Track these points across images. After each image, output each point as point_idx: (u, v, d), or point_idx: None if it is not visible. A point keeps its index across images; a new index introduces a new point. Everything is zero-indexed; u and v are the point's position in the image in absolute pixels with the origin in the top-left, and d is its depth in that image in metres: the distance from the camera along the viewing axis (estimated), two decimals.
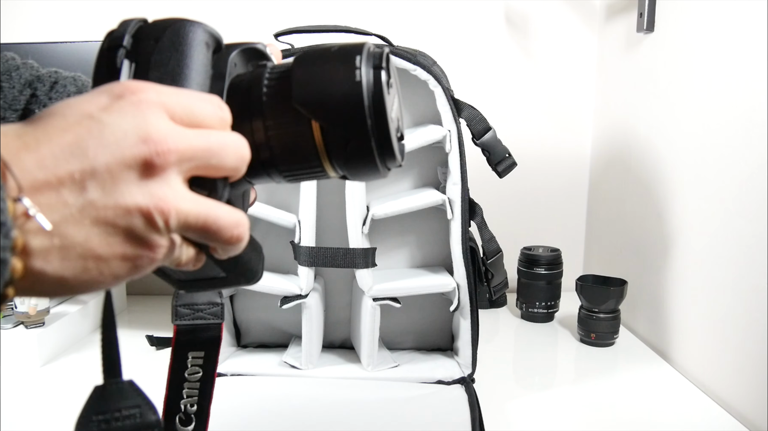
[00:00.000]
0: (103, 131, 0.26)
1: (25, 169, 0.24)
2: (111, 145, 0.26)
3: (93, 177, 0.25)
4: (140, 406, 0.33)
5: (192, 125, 0.28)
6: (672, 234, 0.94)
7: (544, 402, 0.80)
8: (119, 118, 0.26)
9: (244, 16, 1.19)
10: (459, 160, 0.80)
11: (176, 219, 0.27)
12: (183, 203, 0.27)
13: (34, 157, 0.25)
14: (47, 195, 0.25)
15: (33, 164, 0.25)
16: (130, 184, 0.26)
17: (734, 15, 0.79)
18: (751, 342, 0.75)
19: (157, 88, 0.28)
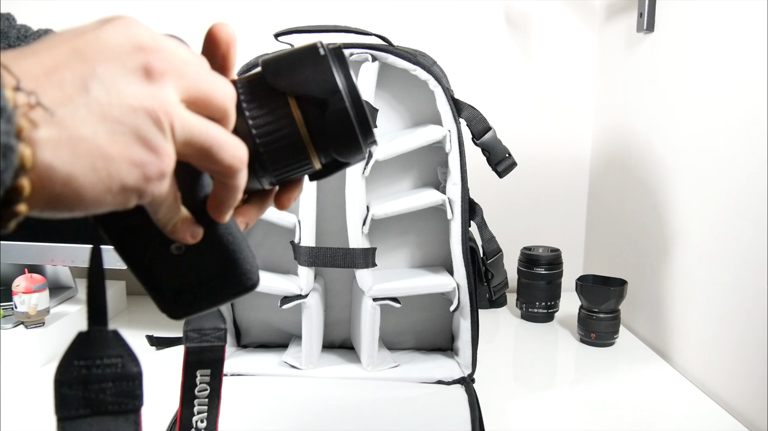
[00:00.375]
0: (99, 40, 0.26)
1: (24, 68, 0.24)
2: (109, 50, 0.26)
3: (94, 78, 0.26)
4: (122, 356, 0.33)
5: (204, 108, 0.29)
6: (672, 234, 0.94)
7: (544, 402, 0.80)
8: (113, 31, 0.27)
9: (244, 16, 1.19)
10: (459, 160, 0.79)
11: (180, 127, 0.27)
12: (186, 113, 0.28)
13: (34, 59, 0.25)
14: (50, 90, 0.24)
15: (33, 64, 0.25)
16: (133, 85, 0.26)
17: (734, 15, 0.79)
18: (751, 342, 0.75)
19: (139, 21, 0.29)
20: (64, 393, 0.30)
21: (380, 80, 0.82)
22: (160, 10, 1.19)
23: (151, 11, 1.19)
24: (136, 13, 1.14)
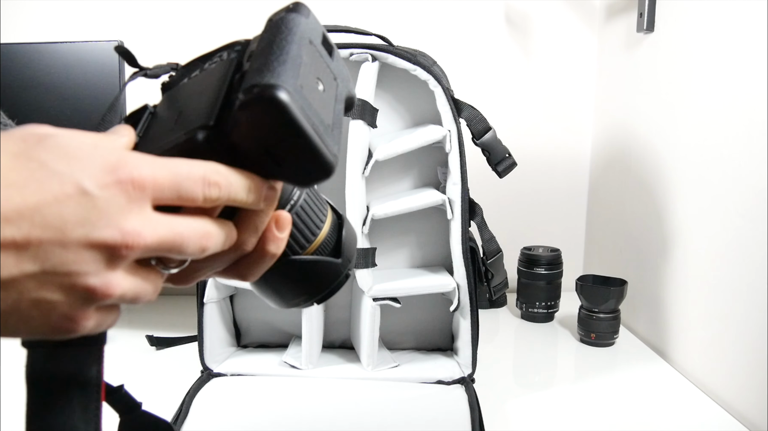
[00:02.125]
0: (89, 207, 0.26)
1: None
2: (90, 225, 0.26)
3: (63, 247, 0.26)
4: None
5: (174, 203, 0.30)
6: (672, 234, 0.94)
7: (544, 402, 0.80)
8: (108, 200, 0.27)
9: (244, 16, 1.19)
10: (459, 160, 0.79)
11: (114, 299, 0.29)
12: (125, 283, 0.29)
13: (3, 213, 0.25)
14: (4, 254, 0.25)
15: (3, 222, 0.25)
16: (93, 264, 0.27)
17: (734, 15, 0.79)
18: (751, 342, 0.75)
19: (153, 165, 0.29)
20: None
21: (380, 80, 0.82)
22: (160, 10, 1.19)
23: (152, 11, 1.19)
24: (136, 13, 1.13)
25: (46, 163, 0.26)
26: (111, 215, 0.27)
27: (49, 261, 0.26)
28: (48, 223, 0.26)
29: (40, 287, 0.26)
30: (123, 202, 0.27)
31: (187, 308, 0.91)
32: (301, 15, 0.34)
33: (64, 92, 0.95)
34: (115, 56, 0.96)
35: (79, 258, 0.26)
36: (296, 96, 0.29)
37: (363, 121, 0.77)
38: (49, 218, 0.26)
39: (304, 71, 0.31)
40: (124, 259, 0.28)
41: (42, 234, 0.26)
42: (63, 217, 0.26)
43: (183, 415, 0.71)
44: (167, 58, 1.31)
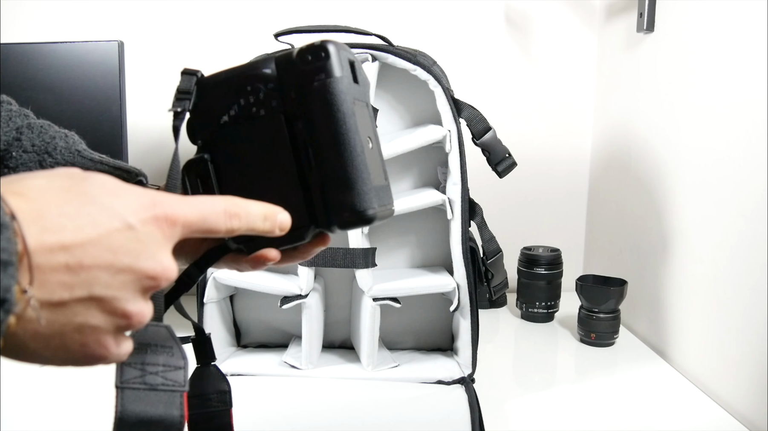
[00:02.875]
0: (132, 239, 0.29)
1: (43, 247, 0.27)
2: (133, 255, 0.29)
3: (112, 276, 0.29)
4: (173, 347, 0.37)
5: (200, 236, 0.34)
6: (672, 234, 0.94)
7: (544, 402, 0.80)
8: (148, 234, 0.30)
9: (244, 17, 1.19)
10: (459, 160, 0.79)
11: (143, 325, 0.31)
12: (149, 310, 0.32)
13: (55, 231, 0.27)
14: (50, 277, 0.27)
15: (51, 239, 0.27)
16: (130, 292, 0.30)
17: (734, 15, 0.79)
18: (751, 342, 0.75)
19: (181, 202, 0.32)
20: (126, 368, 0.34)
21: (380, 80, 0.82)
22: (160, 10, 1.19)
23: (152, 11, 1.19)
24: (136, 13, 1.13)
25: (95, 198, 0.29)
26: (151, 249, 0.30)
27: (97, 287, 0.28)
28: (99, 253, 0.28)
29: (86, 311, 0.28)
30: (160, 236, 0.30)
31: (187, 308, 0.91)
32: (337, 70, 0.37)
33: (64, 92, 0.95)
34: (115, 56, 0.96)
35: (122, 285, 0.29)
36: (376, 204, 0.38)
37: None
38: (99, 248, 0.28)
39: (366, 153, 0.38)
40: (157, 290, 0.31)
41: (93, 261, 0.28)
42: (112, 247, 0.28)
43: None
44: (167, 58, 1.31)
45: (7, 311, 0.25)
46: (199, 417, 0.50)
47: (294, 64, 0.37)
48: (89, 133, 0.95)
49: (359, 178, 0.37)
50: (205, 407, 0.51)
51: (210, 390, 0.51)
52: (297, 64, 0.37)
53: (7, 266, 0.25)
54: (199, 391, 0.50)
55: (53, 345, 0.28)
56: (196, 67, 0.41)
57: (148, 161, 1.22)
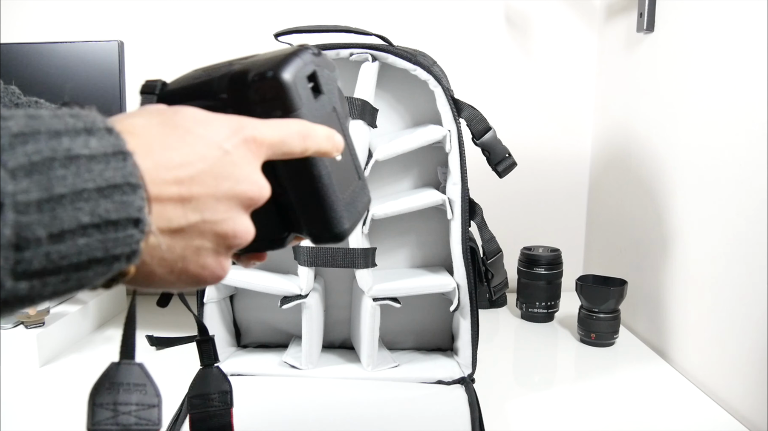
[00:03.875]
0: (230, 163, 0.31)
1: (152, 180, 0.28)
2: (233, 179, 0.31)
3: (218, 201, 0.31)
4: (146, 385, 0.37)
5: (279, 158, 0.35)
6: (672, 234, 0.94)
7: (544, 402, 0.80)
8: (241, 157, 0.32)
9: (244, 16, 1.19)
10: (459, 160, 0.79)
11: (247, 242, 0.33)
12: (252, 227, 0.33)
13: (164, 167, 0.29)
14: (169, 206, 0.29)
15: (160, 174, 0.28)
16: (234, 212, 0.31)
17: (734, 15, 0.79)
18: (751, 342, 0.75)
19: (264, 125, 0.33)
20: (97, 409, 0.35)
21: (380, 80, 0.82)
22: (160, 10, 1.19)
23: (152, 11, 1.19)
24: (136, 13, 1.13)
25: (190, 129, 0.30)
26: (246, 170, 0.32)
27: (207, 213, 0.30)
28: (204, 180, 0.30)
29: (201, 235, 0.30)
30: (251, 157, 0.32)
31: None
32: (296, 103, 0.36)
33: (64, 92, 0.95)
34: (115, 56, 0.96)
35: (227, 208, 0.31)
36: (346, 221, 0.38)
37: (363, 121, 0.77)
38: (205, 177, 0.30)
39: (334, 175, 0.37)
40: (256, 206, 0.33)
41: (201, 189, 0.30)
42: (215, 175, 0.30)
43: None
44: (167, 58, 1.32)
45: (142, 231, 0.27)
46: (200, 416, 0.51)
47: (247, 97, 0.35)
48: None
49: (328, 207, 0.37)
50: (206, 407, 0.51)
51: (212, 391, 0.51)
52: (251, 97, 0.35)
53: (136, 188, 0.27)
54: (201, 391, 0.51)
55: (177, 269, 0.30)
56: (197, 66, 0.41)
57: None
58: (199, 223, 0.30)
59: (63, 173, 0.24)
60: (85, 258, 0.25)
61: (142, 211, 0.27)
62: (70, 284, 0.25)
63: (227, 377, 0.51)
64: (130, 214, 0.26)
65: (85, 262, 0.25)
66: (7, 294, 0.23)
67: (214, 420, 0.51)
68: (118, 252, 0.26)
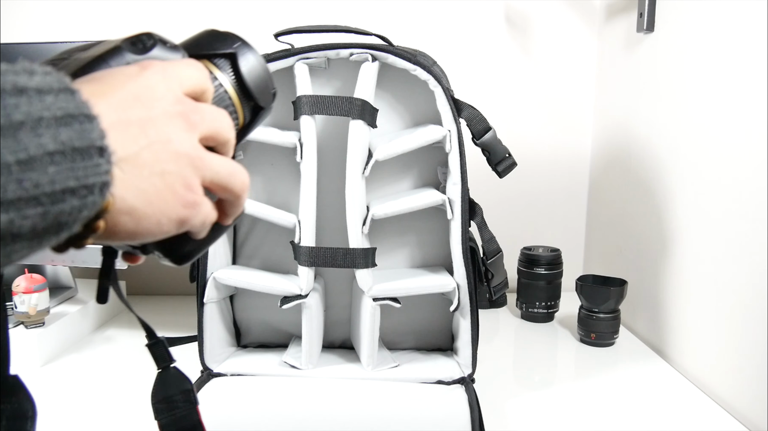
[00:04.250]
0: (149, 89, 0.31)
1: (102, 112, 0.28)
2: (159, 99, 0.31)
3: (151, 124, 0.30)
4: (20, 398, 0.37)
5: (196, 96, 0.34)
6: (672, 234, 0.94)
7: (543, 402, 0.80)
8: (156, 81, 0.32)
9: (244, 16, 1.19)
10: (459, 160, 0.79)
11: (209, 170, 0.33)
12: (210, 157, 0.33)
13: (105, 103, 0.29)
14: (122, 135, 0.29)
15: (106, 109, 0.29)
16: (178, 133, 0.31)
17: (734, 15, 0.79)
18: (751, 342, 0.75)
19: (164, 64, 0.33)
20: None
21: (380, 80, 0.82)
22: (160, 9, 1.19)
23: (152, 11, 1.19)
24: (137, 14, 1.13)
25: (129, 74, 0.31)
26: (164, 90, 0.32)
27: (151, 132, 0.30)
28: (142, 102, 0.30)
29: (156, 158, 0.30)
30: (162, 79, 0.32)
31: (187, 308, 0.91)
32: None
33: None
34: None
35: (167, 127, 0.31)
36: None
37: (363, 121, 0.77)
38: (141, 98, 0.30)
39: None
40: (194, 125, 0.32)
41: (141, 112, 0.30)
42: (146, 95, 0.31)
43: None
44: None
45: (108, 161, 0.27)
46: (168, 421, 0.49)
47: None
48: None
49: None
50: (172, 410, 0.50)
51: (174, 392, 0.50)
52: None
53: (92, 119, 0.27)
54: (163, 395, 0.49)
55: (153, 199, 0.30)
56: None
57: None
58: (150, 145, 0.30)
59: (15, 102, 0.24)
60: (59, 188, 0.25)
61: (104, 139, 0.27)
62: (49, 219, 0.25)
63: (186, 376, 0.49)
64: (93, 141, 0.26)
65: (60, 192, 0.25)
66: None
67: (184, 422, 0.50)
68: (90, 182, 0.26)
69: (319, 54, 0.80)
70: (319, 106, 0.78)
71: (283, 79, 0.83)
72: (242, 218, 0.88)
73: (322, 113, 0.78)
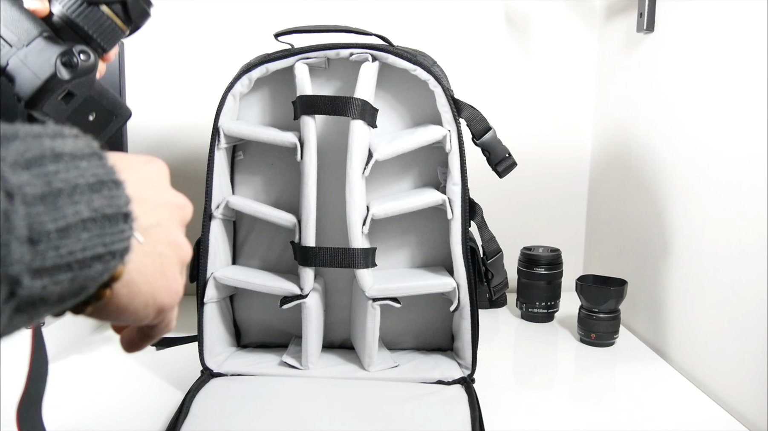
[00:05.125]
0: (159, 178, 0.33)
1: (125, 180, 0.29)
2: (166, 189, 0.33)
3: (160, 206, 0.32)
4: None
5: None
6: (672, 234, 0.94)
7: (543, 402, 0.80)
8: (162, 173, 0.34)
9: (244, 16, 1.19)
10: (459, 160, 0.79)
11: (184, 272, 0.35)
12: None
13: (125, 174, 0.29)
14: (137, 205, 0.29)
15: (126, 179, 0.29)
16: (176, 222, 0.33)
17: (734, 15, 0.79)
18: (751, 342, 0.75)
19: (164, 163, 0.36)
20: None
21: (380, 80, 0.82)
22: (161, 9, 1.19)
23: (152, 11, 1.19)
24: None
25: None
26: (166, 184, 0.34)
27: (159, 215, 0.32)
28: (149, 185, 0.32)
29: (159, 240, 0.31)
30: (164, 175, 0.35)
31: (187, 308, 0.91)
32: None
33: None
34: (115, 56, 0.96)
35: (170, 215, 0.33)
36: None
37: (363, 121, 0.77)
38: (148, 182, 0.32)
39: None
40: (184, 224, 0.34)
41: (149, 193, 0.32)
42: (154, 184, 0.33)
43: (183, 415, 0.71)
44: (167, 58, 1.32)
45: (131, 227, 0.28)
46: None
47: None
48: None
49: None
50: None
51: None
52: None
53: (119, 185, 0.27)
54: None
55: (150, 277, 0.31)
56: (197, 66, 0.42)
57: None
58: (157, 226, 0.31)
59: (55, 168, 0.25)
60: (90, 254, 0.25)
61: (129, 205, 0.28)
62: (75, 285, 0.25)
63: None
64: (121, 208, 0.27)
65: (89, 259, 0.25)
66: (24, 293, 0.23)
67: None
68: (114, 248, 0.27)
69: (319, 54, 0.80)
70: (319, 106, 0.78)
71: (283, 79, 0.83)
72: (242, 219, 0.88)
73: (322, 113, 0.78)
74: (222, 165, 0.82)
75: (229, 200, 0.82)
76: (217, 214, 0.81)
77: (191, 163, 1.22)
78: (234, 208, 0.83)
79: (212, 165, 0.80)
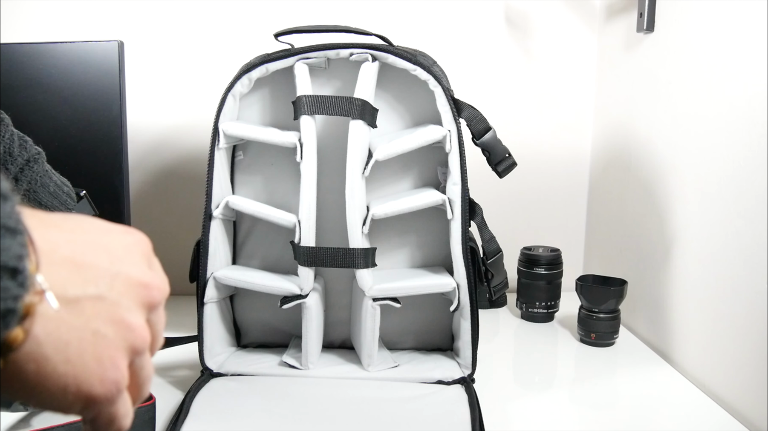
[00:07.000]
0: (124, 248, 0.29)
1: (54, 241, 0.25)
2: (129, 261, 0.28)
3: (111, 278, 0.27)
4: None
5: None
6: (672, 234, 0.94)
7: (544, 402, 0.80)
8: (135, 242, 0.30)
9: (244, 17, 1.19)
10: (459, 160, 0.79)
11: (140, 361, 0.30)
12: (148, 352, 0.30)
13: (65, 237, 0.26)
14: (68, 272, 0.26)
15: (63, 241, 0.26)
16: (135, 303, 0.28)
17: (734, 15, 0.79)
18: (751, 342, 0.75)
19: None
20: None
21: (380, 80, 0.82)
22: (161, 9, 1.19)
23: (152, 11, 1.19)
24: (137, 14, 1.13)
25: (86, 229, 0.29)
26: (137, 259, 0.30)
27: (104, 287, 0.27)
28: (100, 252, 0.27)
29: (98, 316, 0.26)
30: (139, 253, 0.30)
31: (187, 308, 0.91)
32: None
33: (64, 92, 0.95)
34: (115, 56, 0.96)
35: (124, 291, 0.28)
36: None
37: (363, 121, 0.77)
38: (100, 248, 0.28)
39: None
40: (152, 306, 0.29)
41: (97, 259, 0.27)
42: (111, 253, 0.28)
43: (183, 415, 0.71)
44: (167, 58, 1.32)
45: (21, 285, 0.23)
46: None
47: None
48: (89, 133, 0.95)
49: None
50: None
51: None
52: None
53: (15, 233, 0.23)
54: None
55: (72, 357, 0.25)
56: (197, 66, 0.41)
57: (148, 161, 1.22)
58: (97, 299, 0.26)
59: None
60: None
61: (22, 260, 0.23)
62: None
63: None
64: (7, 262, 0.22)
65: None
66: None
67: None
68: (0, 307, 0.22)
69: (319, 54, 0.80)
70: (319, 106, 0.78)
71: (283, 79, 0.83)
72: (242, 219, 0.88)
73: (322, 113, 0.78)
74: (222, 165, 0.82)
75: (229, 200, 0.82)
76: (217, 214, 0.81)
77: (191, 163, 1.22)
78: (234, 207, 0.83)
79: (212, 165, 0.80)
